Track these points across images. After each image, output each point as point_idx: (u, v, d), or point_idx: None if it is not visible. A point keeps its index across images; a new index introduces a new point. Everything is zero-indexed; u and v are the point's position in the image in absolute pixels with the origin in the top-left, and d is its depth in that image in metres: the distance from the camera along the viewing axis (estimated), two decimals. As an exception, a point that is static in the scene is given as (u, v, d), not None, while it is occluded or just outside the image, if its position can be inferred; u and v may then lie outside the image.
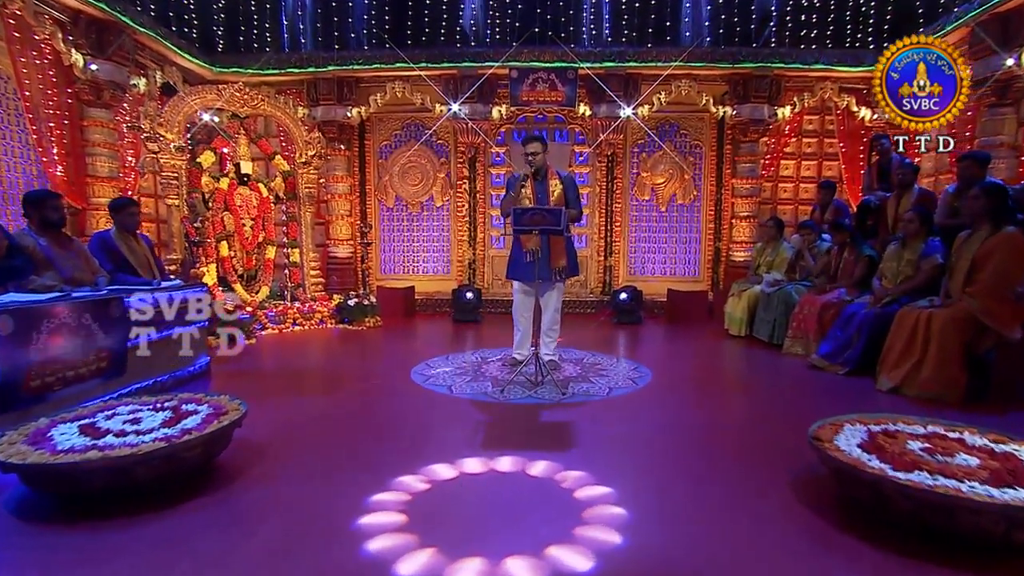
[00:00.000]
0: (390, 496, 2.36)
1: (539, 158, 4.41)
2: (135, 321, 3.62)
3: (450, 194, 8.32)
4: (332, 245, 8.23)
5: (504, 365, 4.73)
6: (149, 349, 3.74)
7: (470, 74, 7.47)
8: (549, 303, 4.61)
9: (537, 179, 4.49)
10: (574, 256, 4.64)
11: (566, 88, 7.30)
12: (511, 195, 4.44)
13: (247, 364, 4.94)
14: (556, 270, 4.50)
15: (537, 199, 4.47)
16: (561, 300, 4.68)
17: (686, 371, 4.80)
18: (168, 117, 6.04)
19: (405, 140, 8.31)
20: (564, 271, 4.53)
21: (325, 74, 7.63)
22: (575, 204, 4.51)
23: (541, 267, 4.39)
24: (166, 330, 3.96)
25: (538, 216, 3.90)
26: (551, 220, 3.87)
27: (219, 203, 6.53)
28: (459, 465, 2.68)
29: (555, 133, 8.20)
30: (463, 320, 7.20)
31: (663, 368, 4.79)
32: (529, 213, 3.92)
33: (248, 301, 6.59)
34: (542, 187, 4.50)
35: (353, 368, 4.82)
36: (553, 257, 4.47)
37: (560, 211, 3.85)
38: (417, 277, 8.46)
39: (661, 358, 5.31)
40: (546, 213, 3.89)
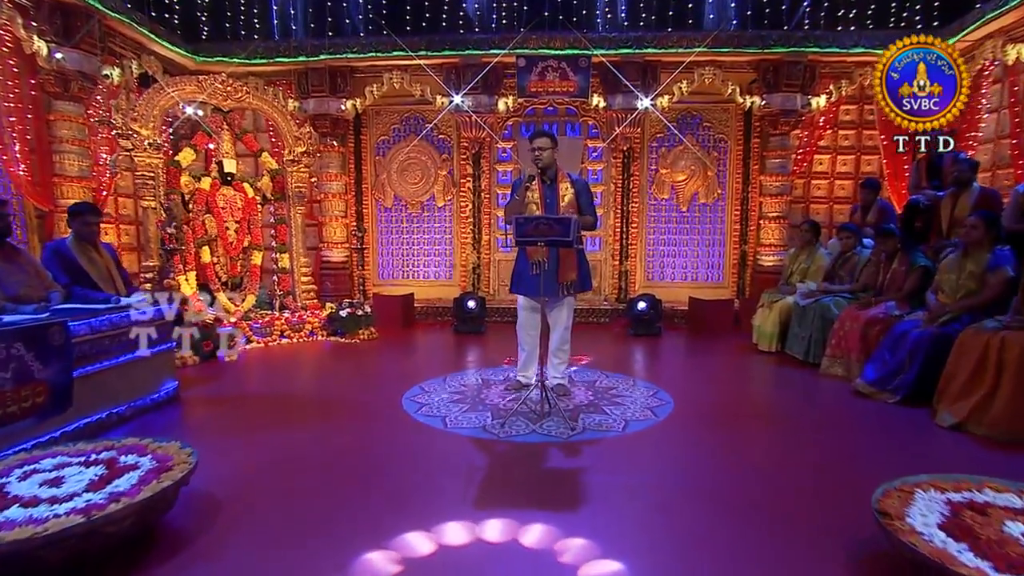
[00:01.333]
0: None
1: (546, 154, 4.04)
2: (83, 347, 3.27)
3: (453, 193, 8.03)
4: (326, 248, 7.95)
5: (507, 390, 4.40)
6: (101, 378, 3.40)
7: (474, 63, 7.15)
8: (558, 320, 4.25)
9: (546, 182, 4.11)
10: (586, 269, 4.27)
11: (578, 77, 6.99)
12: (516, 200, 4.06)
13: (222, 387, 4.62)
14: (565, 284, 4.13)
15: (545, 204, 4.10)
16: (571, 317, 4.30)
17: (712, 397, 4.39)
18: (143, 111, 5.72)
19: (404, 135, 8.03)
20: (574, 286, 4.16)
21: (317, 64, 7.33)
22: (588, 211, 4.13)
23: (548, 281, 4.02)
24: (122, 355, 3.61)
25: (544, 226, 3.54)
26: (559, 230, 3.51)
27: (200, 205, 6.21)
28: (439, 533, 2.30)
29: (566, 127, 7.88)
30: (465, 331, 6.88)
31: (686, 393, 4.39)
32: (534, 223, 3.55)
33: (232, 311, 6.27)
34: (551, 191, 4.12)
35: (339, 393, 4.47)
36: (562, 270, 4.10)
37: (569, 220, 3.48)
38: (417, 283, 8.17)
39: (683, 380, 4.90)
40: (554, 223, 3.52)
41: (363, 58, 7.27)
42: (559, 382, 4.31)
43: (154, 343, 3.88)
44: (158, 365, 3.93)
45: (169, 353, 4.09)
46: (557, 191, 4.12)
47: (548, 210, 4.06)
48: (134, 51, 6.54)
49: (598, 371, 5.00)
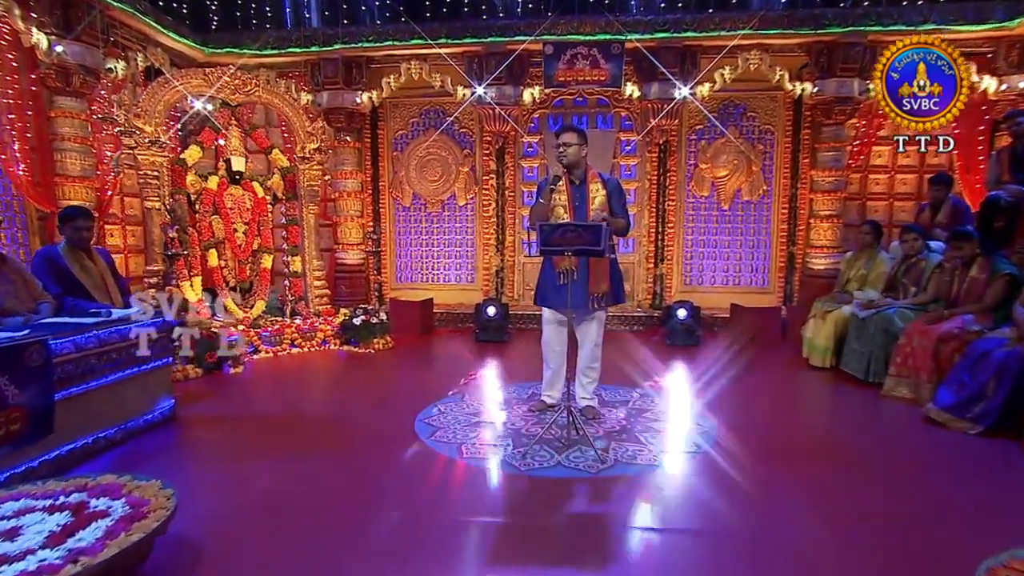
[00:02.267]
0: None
1: (572, 151, 3.77)
2: (66, 367, 3.10)
3: (475, 191, 7.84)
4: (340, 250, 7.81)
5: (531, 411, 4.15)
6: (87, 399, 3.24)
7: (497, 51, 6.93)
8: (587, 336, 3.98)
9: (574, 182, 3.83)
10: (619, 279, 3.99)
11: (610, 65, 6.74)
12: (541, 203, 3.79)
13: (222, 404, 4.45)
14: (595, 297, 3.84)
15: (573, 208, 3.83)
16: (602, 333, 4.03)
17: (761, 422, 4.05)
18: (146, 107, 5.61)
19: (423, 129, 7.87)
20: (605, 298, 3.88)
21: (330, 54, 7.17)
22: (621, 214, 3.85)
23: (576, 293, 3.74)
24: (111, 374, 3.44)
25: (572, 234, 3.27)
26: (589, 238, 3.24)
27: (207, 205, 6.09)
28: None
29: (597, 119, 7.62)
30: (487, 339, 6.65)
31: (731, 417, 4.06)
32: (560, 230, 3.29)
33: (240, 318, 6.13)
34: (580, 193, 3.85)
35: (347, 413, 4.26)
36: (592, 281, 3.82)
37: (600, 228, 3.21)
38: (437, 287, 8.00)
39: (727, 400, 4.56)
40: (582, 230, 3.25)
41: (379, 47, 7.10)
42: (588, 403, 4.06)
43: (148, 359, 3.71)
44: (153, 383, 3.76)
45: (165, 369, 3.92)
46: (586, 192, 3.85)
47: (576, 214, 3.81)
48: (140, 43, 6.44)
49: (632, 389, 4.72)
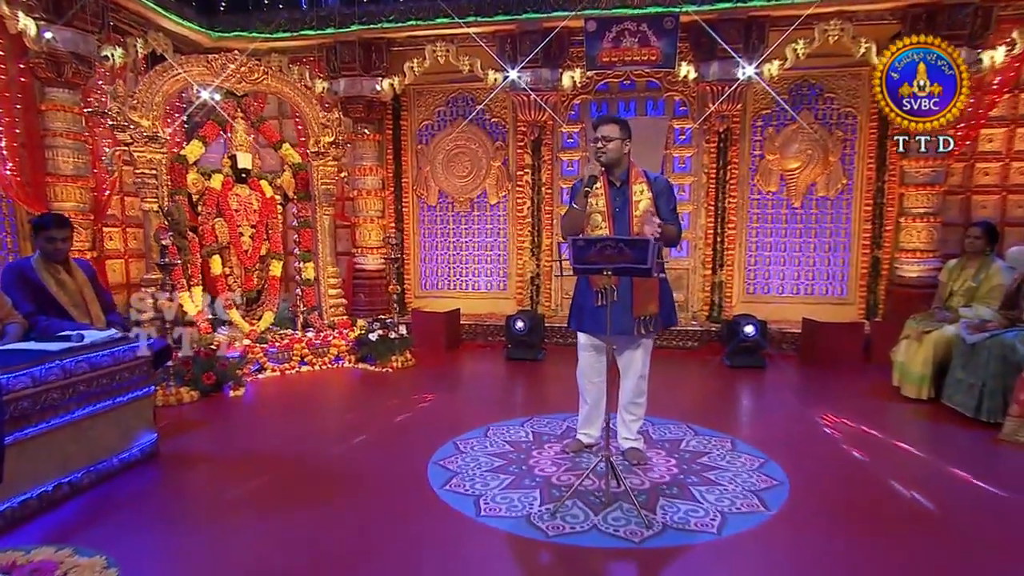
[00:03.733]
0: None
1: (612, 147, 3.40)
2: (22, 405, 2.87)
3: (508, 188, 7.60)
4: (360, 254, 7.66)
5: (565, 451, 3.82)
6: (48, 440, 3.01)
7: (532, 29, 6.66)
8: (630, 366, 3.61)
9: (614, 184, 3.45)
10: (670, 299, 3.62)
11: (662, 42, 6.37)
12: (575, 210, 3.41)
13: (214, 438, 4.23)
14: (641, 320, 3.46)
15: (613, 214, 3.46)
16: (648, 363, 3.63)
17: (845, 473, 3.57)
18: (142, 98, 5.45)
19: (451, 119, 7.68)
20: (654, 322, 3.50)
21: (347, 36, 7.00)
22: (671, 220, 3.46)
23: (618, 315, 3.36)
24: (80, 408, 3.21)
25: (612, 249, 2.91)
26: (633, 255, 2.88)
27: (210, 207, 5.92)
28: None
29: (647, 104, 7.28)
30: (520, 357, 6.37)
31: (807, 465, 3.62)
32: (597, 245, 2.93)
33: (246, 332, 5.94)
34: (621, 196, 3.47)
35: (352, 451, 3.96)
36: (637, 301, 3.44)
37: (647, 243, 2.82)
38: (465, 295, 7.80)
39: (802, 441, 4.09)
40: (625, 245, 2.88)
41: (401, 28, 6.88)
42: (632, 445, 3.70)
43: (125, 389, 3.48)
44: (130, 416, 3.52)
45: (146, 400, 3.68)
46: (629, 195, 3.46)
47: (618, 222, 3.43)
48: (139, 28, 6.34)
49: (685, 424, 4.31)
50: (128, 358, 3.51)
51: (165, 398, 4.63)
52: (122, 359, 3.46)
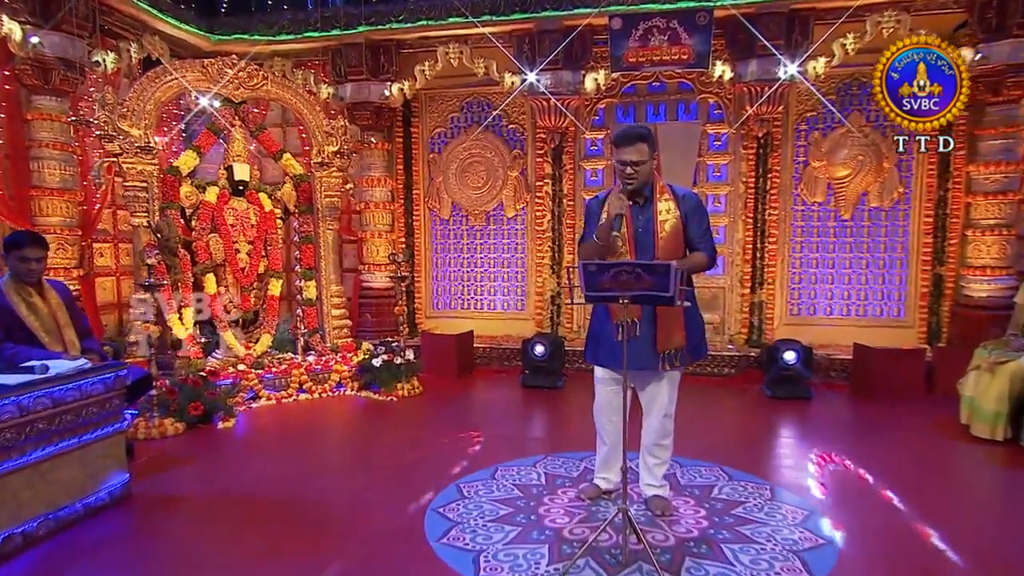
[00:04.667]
0: None
1: (644, 171, 3.21)
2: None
3: (526, 200, 7.54)
4: (367, 271, 7.60)
5: (580, 498, 3.63)
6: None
7: (552, 28, 6.59)
8: (654, 403, 3.41)
9: (637, 201, 3.28)
10: (699, 328, 3.41)
11: (695, 40, 6.27)
12: (595, 243, 3.21)
13: (195, 476, 4.09)
14: (666, 355, 3.28)
15: (635, 235, 3.29)
16: (675, 399, 3.44)
17: (904, 533, 3.28)
18: (132, 106, 5.43)
19: (465, 126, 7.66)
20: (681, 355, 3.31)
21: (353, 38, 6.99)
22: (702, 242, 3.29)
23: (640, 349, 3.19)
24: (39, 449, 3.09)
25: (629, 275, 2.75)
26: (653, 282, 2.71)
27: (205, 221, 5.86)
28: None
29: (678, 108, 7.15)
30: (536, 385, 6.20)
31: (858, 520, 3.35)
32: (611, 271, 2.75)
33: (242, 356, 5.86)
34: (644, 215, 3.31)
35: (345, 494, 3.80)
36: (661, 332, 3.27)
37: (668, 268, 2.65)
38: (481, 315, 7.73)
39: (853, 492, 3.81)
40: (643, 271, 2.70)
41: (411, 28, 6.85)
42: (656, 493, 3.50)
43: (93, 425, 3.36)
44: (98, 455, 3.40)
45: (117, 436, 3.56)
46: (653, 214, 3.26)
47: (640, 246, 3.26)
48: (134, 31, 6.36)
49: (717, 466, 4.08)
50: (97, 391, 3.39)
51: (147, 431, 4.53)
52: (90, 393, 3.34)
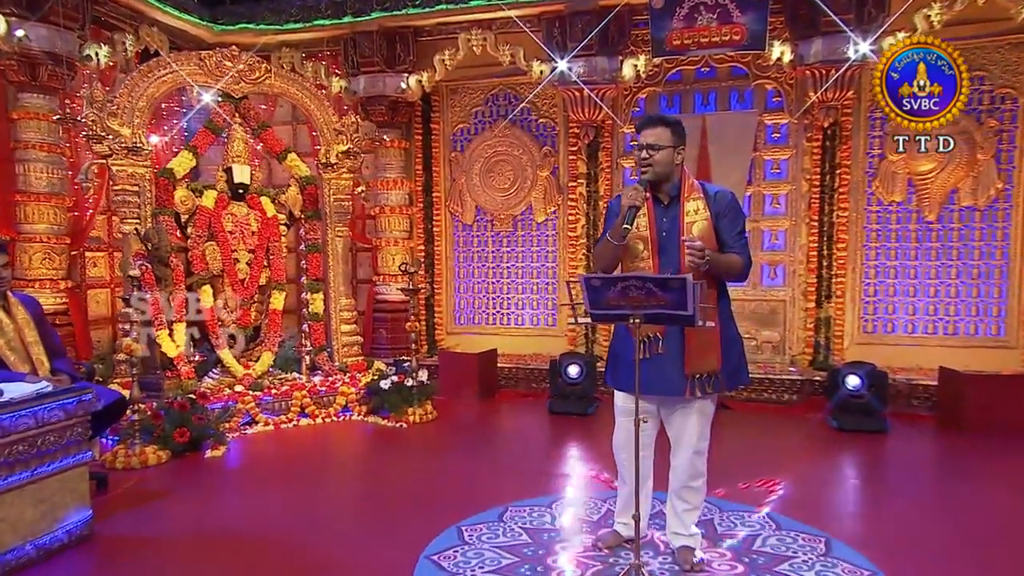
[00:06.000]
0: None
1: (661, 157, 3.11)
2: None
3: (558, 202, 7.53)
4: (381, 283, 7.63)
5: (596, 546, 3.48)
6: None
7: (585, 9, 6.59)
8: (682, 437, 3.23)
9: (661, 201, 3.15)
10: (737, 350, 3.21)
11: (748, 17, 6.27)
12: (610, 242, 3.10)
13: (174, 513, 4.04)
14: (696, 379, 3.09)
15: (657, 239, 3.16)
16: (707, 433, 3.28)
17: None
18: (123, 102, 5.52)
19: (491, 121, 7.71)
20: (714, 380, 3.11)
21: (367, 25, 7.07)
22: (735, 246, 3.14)
23: (664, 370, 3.06)
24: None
25: (639, 290, 2.66)
26: (668, 298, 2.59)
27: (201, 228, 5.91)
28: None
29: (730, 96, 7.11)
30: (564, 411, 6.12)
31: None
32: (618, 285, 2.64)
33: (240, 376, 5.89)
34: (669, 216, 3.17)
35: (334, 534, 3.72)
36: (690, 353, 3.08)
37: (683, 282, 2.53)
38: (507, 331, 7.75)
39: (933, 549, 3.51)
40: (655, 285, 2.59)
41: (429, 13, 6.90)
42: (685, 543, 3.30)
43: (50, 456, 3.32)
44: (55, 490, 3.34)
45: (79, 469, 3.51)
46: (680, 215, 3.11)
47: (664, 251, 3.10)
48: (130, 22, 6.49)
49: (764, 512, 3.85)
50: (56, 418, 3.34)
51: (127, 459, 4.52)
52: (47, 420, 3.29)
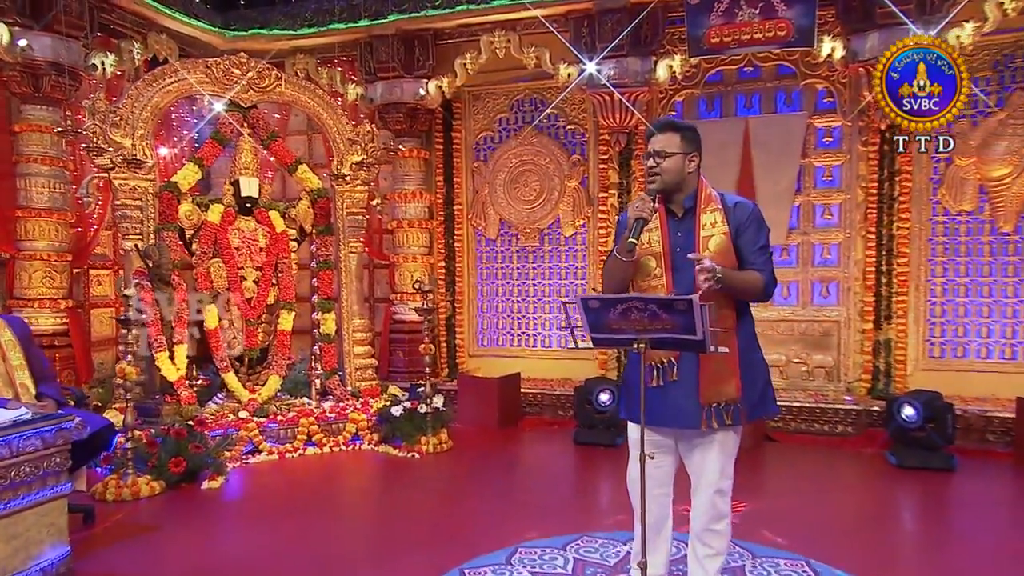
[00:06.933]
0: None
1: (670, 166, 3.00)
2: None
3: (587, 215, 7.49)
4: (399, 302, 7.64)
5: None
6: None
7: (615, 7, 6.57)
8: (701, 476, 3.09)
9: (674, 213, 3.05)
10: (761, 375, 3.08)
11: (794, 11, 6.25)
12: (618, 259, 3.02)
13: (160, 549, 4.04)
14: (714, 409, 2.97)
15: (670, 254, 3.03)
16: (729, 472, 3.11)
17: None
18: (126, 113, 5.63)
19: (516, 128, 7.73)
20: (733, 410, 2.97)
21: (384, 28, 7.14)
22: (756, 262, 3.01)
23: (678, 398, 2.95)
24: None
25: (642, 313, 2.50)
26: (675, 322, 2.46)
27: (206, 244, 5.99)
28: None
29: (776, 97, 7.03)
30: (591, 442, 6.02)
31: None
32: (618, 307, 2.54)
33: (245, 401, 5.91)
34: (683, 230, 3.05)
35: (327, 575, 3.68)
36: (705, 380, 2.95)
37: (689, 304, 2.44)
38: (533, 354, 7.71)
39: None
40: (659, 307, 2.46)
41: (450, 14, 6.96)
42: None
43: (25, 488, 3.33)
44: (29, 526, 3.32)
45: (57, 502, 3.52)
46: (695, 228, 2.98)
47: (677, 269, 2.97)
48: (139, 30, 6.63)
49: (802, 559, 3.71)
50: (32, 447, 3.35)
51: (117, 491, 4.52)
52: (22, 449, 3.28)
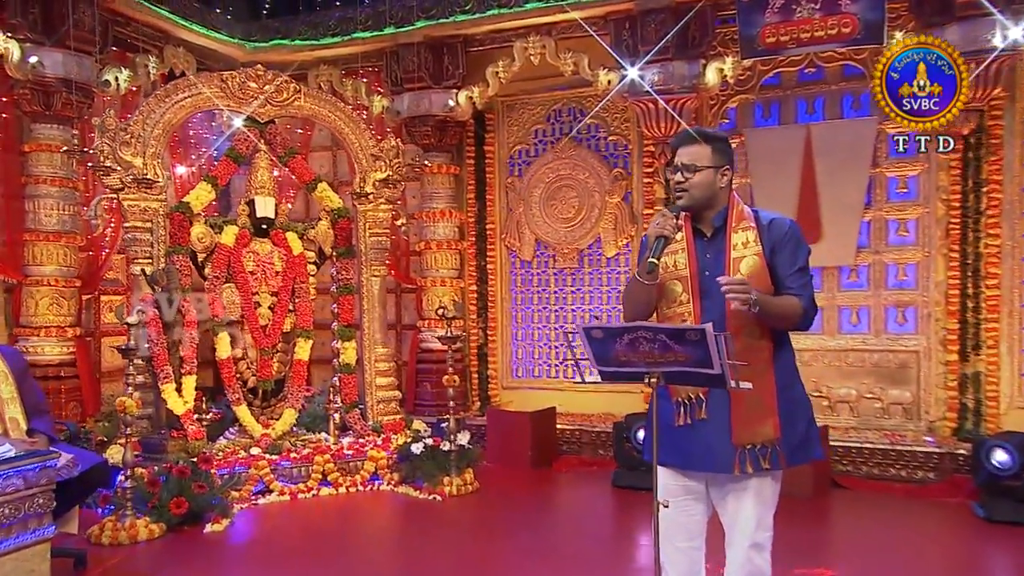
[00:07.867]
0: None
1: (699, 181, 2.90)
2: None
3: (631, 234, 7.37)
4: (426, 329, 7.60)
5: None
6: None
7: (659, 7, 6.49)
8: (735, 527, 2.94)
9: (702, 233, 2.95)
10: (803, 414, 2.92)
11: (860, 5, 6.27)
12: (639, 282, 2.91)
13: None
14: (748, 451, 2.81)
15: (699, 279, 2.89)
16: (768, 523, 2.92)
17: None
18: (137, 130, 5.70)
19: (554, 140, 7.67)
20: (771, 453, 2.82)
21: (410, 36, 7.16)
22: (794, 286, 2.87)
23: (709, 439, 2.84)
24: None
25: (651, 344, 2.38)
26: (688, 354, 2.34)
27: (219, 268, 6.04)
28: None
29: (842, 102, 6.88)
30: (630, 485, 5.86)
31: None
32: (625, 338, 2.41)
33: (258, 436, 5.91)
34: (713, 251, 2.92)
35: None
36: (738, 418, 2.81)
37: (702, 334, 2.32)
38: (572, 386, 7.42)
39: None
40: (669, 337, 2.34)
41: (480, 19, 6.98)
42: None
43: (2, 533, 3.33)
44: (9, 573, 3.33)
45: (39, 547, 3.51)
46: (726, 249, 2.85)
47: (705, 291, 2.85)
48: (155, 44, 6.74)
49: None
50: (13, 487, 3.35)
51: (114, 533, 4.51)
52: (2, 490, 3.27)
